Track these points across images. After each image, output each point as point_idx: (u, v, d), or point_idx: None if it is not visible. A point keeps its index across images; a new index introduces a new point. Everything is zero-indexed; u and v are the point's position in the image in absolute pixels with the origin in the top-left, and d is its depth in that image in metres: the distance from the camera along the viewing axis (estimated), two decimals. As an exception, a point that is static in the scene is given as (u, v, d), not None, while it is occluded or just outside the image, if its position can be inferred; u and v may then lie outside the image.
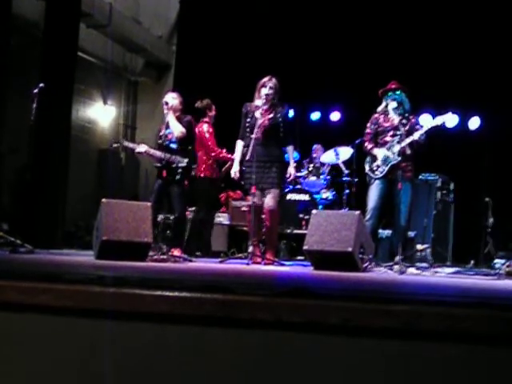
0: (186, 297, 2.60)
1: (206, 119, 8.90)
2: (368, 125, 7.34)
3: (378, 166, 7.13)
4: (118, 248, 6.05)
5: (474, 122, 10.77)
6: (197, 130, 8.76)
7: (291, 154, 7.30)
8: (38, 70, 9.43)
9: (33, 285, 2.72)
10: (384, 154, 7.10)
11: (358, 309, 2.48)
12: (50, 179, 9.46)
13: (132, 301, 2.62)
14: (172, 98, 7.57)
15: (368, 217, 7.03)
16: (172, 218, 7.72)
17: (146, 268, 5.15)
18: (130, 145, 8.25)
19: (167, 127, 7.50)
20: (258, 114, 6.99)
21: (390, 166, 7.04)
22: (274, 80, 7.12)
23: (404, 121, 7.03)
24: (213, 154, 8.76)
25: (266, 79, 7.11)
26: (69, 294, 2.66)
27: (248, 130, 7.06)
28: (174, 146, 7.47)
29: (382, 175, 7.11)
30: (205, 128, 8.79)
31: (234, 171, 7.23)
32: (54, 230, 9.38)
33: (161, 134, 7.59)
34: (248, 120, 7.11)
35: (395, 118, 7.04)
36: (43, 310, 2.66)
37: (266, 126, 7.01)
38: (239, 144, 7.26)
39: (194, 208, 9.88)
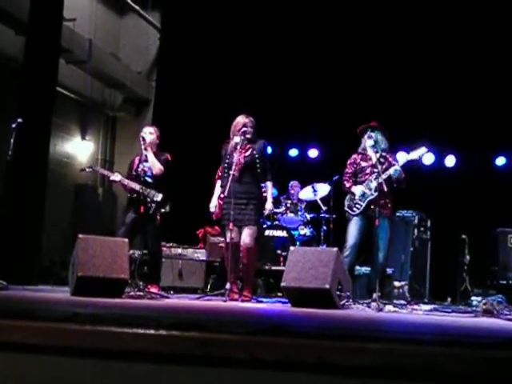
0: (162, 335, 2.58)
1: None
2: (347, 165, 7.38)
3: (356, 203, 7.17)
4: (94, 284, 5.99)
5: (451, 160, 10.88)
6: None
7: (270, 189, 7.31)
8: (16, 105, 9.39)
9: (6, 322, 2.68)
10: (361, 191, 7.14)
11: (335, 347, 2.47)
12: (27, 214, 9.36)
13: (108, 339, 2.59)
14: (149, 134, 7.54)
15: (347, 253, 7.02)
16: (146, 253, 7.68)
17: (122, 305, 5.10)
18: (104, 172, 8.19)
19: (145, 161, 7.46)
20: (235, 151, 7.01)
21: (367, 201, 7.07)
22: (250, 118, 7.16)
23: (381, 159, 7.09)
24: None
25: (242, 117, 7.14)
26: (43, 332, 2.63)
27: (226, 168, 7.08)
28: (149, 180, 7.44)
29: (359, 211, 7.13)
30: None
31: (212, 205, 7.32)
32: (29, 265, 9.25)
33: (137, 167, 7.54)
34: (227, 159, 7.13)
35: (372, 156, 7.10)
36: (17, 349, 2.62)
37: (243, 163, 7.03)
38: (218, 182, 7.32)
39: (171, 244, 9.85)
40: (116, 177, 7.56)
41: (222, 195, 7.21)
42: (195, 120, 11.94)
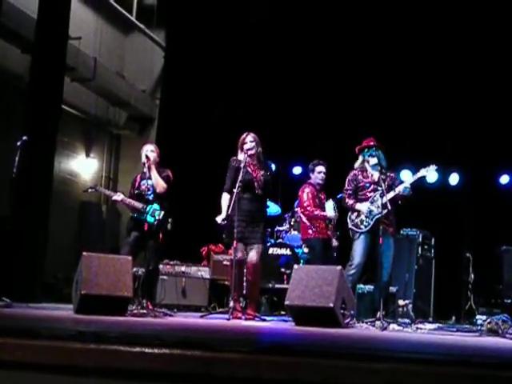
0: (166, 353, 2.57)
1: (311, 180, 8.82)
2: (347, 182, 7.37)
3: (363, 221, 7.13)
4: (98, 302, 5.99)
5: (454, 178, 10.88)
6: (300, 191, 8.72)
7: (273, 205, 7.35)
8: (21, 122, 9.44)
9: (10, 341, 2.68)
10: (368, 208, 7.12)
11: (340, 366, 2.46)
12: (31, 231, 9.37)
13: (111, 357, 2.59)
14: (151, 152, 7.55)
15: (353, 271, 7.00)
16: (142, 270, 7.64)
17: (125, 323, 5.09)
18: (106, 192, 8.19)
19: (149, 178, 7.45)
20: (249, 169, 7.04)
21: (374, 219, 7.03)
22: (252, 134, 7.20)
23: (383, 176, 7.08)
24: (306, 213, 8.69)
25: (245, 135, 7.18)
26: (47, 351, 2.62)
27: (235, 184, 7.05)
28: (151, 197, 7.43)
29: (366, 229, 7.10)
30: (306, 189, 8.70)
31: (221, 218, 7.16)
32: (33, 282, 9.25)
33: (138, 184, 7.53)
34: (236, 174, 7.11)
35: (375, 174, 7.13)
36: (20, 367, 2.61)
37: (262, 182, 7.07)
38: (225, 196, 7.24)
39: (174, 261, 9.84)
40: (118, 197, 7.54)
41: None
42: (199, 138, 11.97)
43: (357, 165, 7.38)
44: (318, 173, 8.72)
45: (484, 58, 10.63)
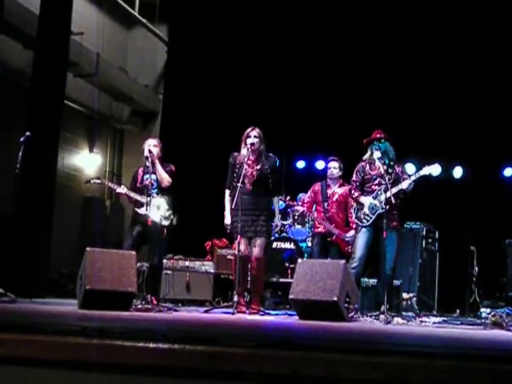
0: (170, 348, 2.57)
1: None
2: (354, 173, 7.39)
3: (365, 215, 7.15)
4: (102, 297, 5.99)
5: (458, 171, 10.86)
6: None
7: (277, 205, 7.34)
8: (24, 119, 9.43)
9: (14, 336, 2.68)
10: (371, 203, 7.13)
11: (345, 361, 2.45)
12: (34, 227, 9.38)
13: (116, 352, 2.59)
14: (154, 146, 7.53)
15: (355, 265, 7.02)
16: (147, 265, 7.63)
17: (130, 318, 5.10)
18: (110, 184, 8.21)
19: (150, 173, 7.42)
20: (245, 164, 7.03)
21: (376, 214, 7.06)
22: (257, 129, 7.19)
23: (389, 170, 7.09)
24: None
25: (249, 129, 7.17)
26: (51, 346, 2.62)
27: (235, 179, 7.06)
28: (155, 192, 7.42)
29: (368, 224, 7.13)
30: (313, 187, 8.79)
31: (226, 222, 7.20)
32: (37, 278, 9.27)
33: (141, 178, 7.52)
34: (236, 170, 7.13)
35: (380, 167, 7.10)
36: (25, 363, 2.62)
37: (255, 176, 7.06)
38: (226, 192, 7.27)
39: (178, 256, 9.84)
40: (122, 189, 7.57)
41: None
42: (202, 132, 11.96)
43: (365, 157, 7.38)
44: (328, 168, 8.77)
45: (487, 51, 10.60)
